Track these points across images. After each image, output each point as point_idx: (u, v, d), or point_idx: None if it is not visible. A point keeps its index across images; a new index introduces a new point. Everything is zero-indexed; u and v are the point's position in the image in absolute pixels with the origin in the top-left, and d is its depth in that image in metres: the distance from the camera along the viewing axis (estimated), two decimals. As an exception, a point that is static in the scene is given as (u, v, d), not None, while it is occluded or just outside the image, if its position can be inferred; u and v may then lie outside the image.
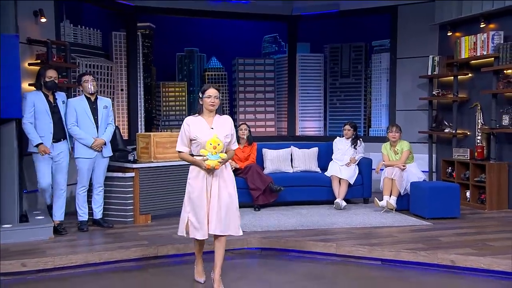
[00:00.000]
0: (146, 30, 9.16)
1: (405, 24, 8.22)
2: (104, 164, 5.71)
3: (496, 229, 5.59)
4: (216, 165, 3.80)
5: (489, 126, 6.84)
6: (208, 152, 3.80)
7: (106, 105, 5.70)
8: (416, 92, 8.14)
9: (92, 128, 5.55)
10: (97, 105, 5.63)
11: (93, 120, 5.55)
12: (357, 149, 7.13)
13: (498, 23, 6.91)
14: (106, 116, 5.67)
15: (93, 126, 5.55)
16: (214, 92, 3.94)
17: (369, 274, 4.52)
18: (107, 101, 5.78)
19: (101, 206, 5.79)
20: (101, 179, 5.73)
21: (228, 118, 4.10)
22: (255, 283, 4.28)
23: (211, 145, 3.80)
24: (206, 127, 3.94)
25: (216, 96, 3.94)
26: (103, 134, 5.64)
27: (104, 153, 5.65)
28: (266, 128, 9.73)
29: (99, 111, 5.62)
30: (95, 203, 5.75)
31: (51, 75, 5.36)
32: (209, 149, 3.80)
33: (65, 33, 7.23)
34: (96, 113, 5.60)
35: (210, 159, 3.79)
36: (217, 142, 3.81)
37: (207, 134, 3.89)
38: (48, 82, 5.34)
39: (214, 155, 3.79)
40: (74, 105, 5.53)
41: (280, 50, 9.80)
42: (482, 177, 6.77)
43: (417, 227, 5.77)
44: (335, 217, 6.19)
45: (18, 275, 4.45)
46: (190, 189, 3.95)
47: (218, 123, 3.99)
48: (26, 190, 6.01)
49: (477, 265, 4.47)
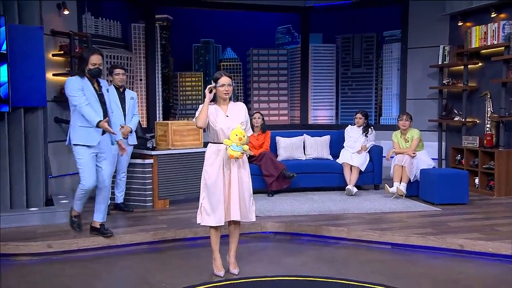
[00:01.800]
0: (164, 22, 9.17)
1: (416, 14, 8.11)
2: (129, 151, 5.71)
3: (504, 215, 5.55)
4: (239, 156, 3.75)
5: (498, 114, 6.75)
6: (232, 142, 3.72)
7: (132, 97, 5.80)
8: (427, 81, 8.06)
9: (120, 116, 5.57)
10: (125, 96, 5.72)
11: (121, 108, 5.62)
12: (368, 137, 7.10)
13: (509, 12, 6.78)
14: (132, 106, 5.75)
15: (121, 114, 5.60)
16: (227, 80, 3.86)
17: (379, 258, 4.52)
18: (133, 93, 5.90)
19: (123, 191, 5.83)
20: (125, 165, 5.76)
21: (242, 106, 4.03)
22: (269, 266, 4.31)
23: (237, 136, 3.72)
24: (222, 115, 3.89)
25: (229, 84, 3.86)
26: (130, 122, 5.71)
27: (129, 141, 5.68)
28: (279, 116, 9.71)
29: (126, 102, 5.71)
30: (118, 188, 5.79)
31: (96, 62, 4.45)
32: (235, 140, 3.72)
33: (87, 25, 7.27)
34: (124, 102, 5.68)
35: (234, 149, 3.72)
36: (243, 134, 3.74)
37: (223, 122, 3.86)
38: (93, 70, 4.45)
39: (239, 146, 3.72)
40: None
41: (293, 40, 9.74)
42: (490, 164, 6.70)
43: (427, 212, 5.75)
44: (347, 203, 6.19)
45: (44, 256, 4.54)
46: (206, 176, 3.90)
47: (233, 110, 3.93)
48: (51, 175, 6.10)
49: (485, 249, 4.45)
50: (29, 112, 5.51)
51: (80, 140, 4.45)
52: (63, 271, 4.21)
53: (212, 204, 3.85)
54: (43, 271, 4.22)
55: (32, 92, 5.42)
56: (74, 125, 4.51)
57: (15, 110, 5.33)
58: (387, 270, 4.15)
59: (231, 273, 4.01)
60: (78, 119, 4.46)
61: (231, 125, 3.84)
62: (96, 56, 4.49)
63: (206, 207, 3.86)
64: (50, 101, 6.21)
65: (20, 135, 5.42)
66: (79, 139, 4.46)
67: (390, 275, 4.01)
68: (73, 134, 4.50)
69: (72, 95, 4.41)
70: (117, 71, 5.66)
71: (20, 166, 5.43)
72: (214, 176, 3.86)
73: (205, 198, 3.89)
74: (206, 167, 3.92)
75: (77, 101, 4.39)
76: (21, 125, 5.42)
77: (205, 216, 3.89)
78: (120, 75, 5.65)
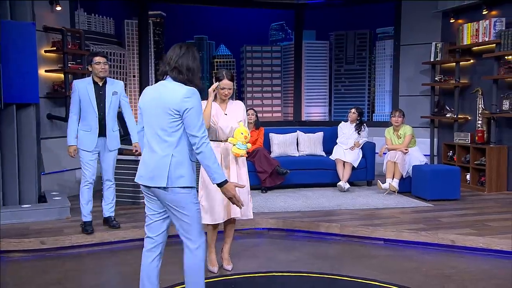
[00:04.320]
0: (157, 18, 9.12)
1: (408, 12, 8.12)
2: (111, 157, 4.84)
3: (495, 210, 5.58)
4: (244, 154, 3.76)
5: (489, 111, 6.78)
6: (237, 141, 3.72)
7: (115, 91, 4.75)
8: (419, 78, 8.08)
9: (94, 118, 4.65)
10: (105, 91, 4.71)
11: (97, 109, 4.65)
12: (361, 134, 7.11)
13: (500, 10, 6.81)
14: (115, 104, 4.76)
15: (95, 115, 4.65)
16: (228, 84, 3.82)
17: (372, 253, 4.53)
18: (118, 85, 4.83)
19: (111, 203, 4.92)
20: (110, 173, 4.85)
21: (241, 104, 4.02)
22: (263, 261, 4.31)
23: (243, 134, 3.73)
24: (221, 113, 3.88)
25: (230, 88, 3.84)
26: (132, 137, 4.94)
27: (109, 146, 4.78)
28: (273, 113, 9.70)
29: (107, 98, 4.70)
30: (105, 199, 4.91)
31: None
32: (240, 138, 3.72)
33: (80, 21, 7.22)
34: (103, 100, 4.69)
35: (240, 148, 3.71)
36: (247, 132, 3.76)
37: (222, 120, 3.84)
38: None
39: (244, 144, 3.73)
40: (78, 89, 4.65)
41: (287, 37, 9.73)
42: (482, 160, 6.74)
43: (419, 208, 5.77)
44: (340, 199, 6.20)
45: (38, 252, 4.52)
46: (204, 174, 3.82)
47: (231, 109, 3.93)
48: (44, 172, 6.06)
49: (476, 244, 4.48)
50: (22, 108, 5.46)
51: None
52: (56, 268, 4.18)
53: (210, 202, 3.81)
54: (36, 268, 4.20)
55: (25, 88, 5.37)
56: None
57: (7, 107, 5.28)
58: (379, 266, 4.17)
59: (225, 269, 4.02)
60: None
61: (229, 123, 3.84)
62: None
63: (204, 205, 3.82)
64: (43, 98, 6.17)
65: (13, 132, 5.38)
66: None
67: (383, 270, 4.02)
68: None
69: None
70: (97, 59, 4.65)
71: (13, 163, 5.39)
72: None
73: (203, 196, 3.84)
74: None
75: None
76: (14, 121, 5.37)
77: (203, 214, 3.80)
78: (102, 64, 4.64)
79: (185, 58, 2.80)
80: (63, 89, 6.31)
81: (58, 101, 6.44)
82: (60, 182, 6.48)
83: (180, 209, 2.78)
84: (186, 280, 2.90)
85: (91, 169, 4.73)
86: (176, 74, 2.80)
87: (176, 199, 2.77)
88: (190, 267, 2.86)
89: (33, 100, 5.52)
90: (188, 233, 2.82)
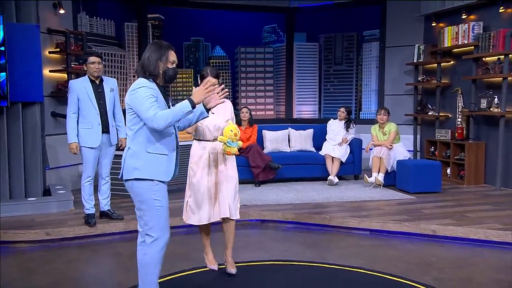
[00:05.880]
0: (156, 21, 9.08)
1: (393, 15, 8.15)
2: (112, 152, 4.83)
3: (473, 202, 5.63)
4: (236, 152, 3.45)
5: (468, 109, 6.83)
6: (228, 139, 3.41)
7: (112, 88, 4.74)
8: (403, 78, 8.11)
9: (95, 115, 4.61)
10: (103, 89, 4.67)
11: (97, 106, 4.62)
12: (349, 131, 7.14)
13: (478, 14, 6.85)
14: (113, 100, 4.74)
15: (96, 112, 4.61)
16: (213, 80, 3.44)
17: (359, 243, 4.56)
18: (113, 82, 4.79)
19: (108, 197, 4.91)
20: (107, 169, 4.83)
21: (228, 103, 3.68)
22: (255, 251, 4.33)
23: (232, 132, 3.41)
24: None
25: (214, 84, 3.36)
26: (120, 132, 4.83)
27: (112, 141, 4.77)
28: (265, 111, 9.71)
29: (106, 95, 4.67)
30: (102, 194, 4.88)
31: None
32: (230, 136, 3.41)
33: (82, 23, 7.18)
34: (102, 97, 4.66)
35: (230, 145, 3.41)
36: (237, 129, 3.46)
37: (208, 119, 3.38)
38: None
39: (234, 142, 3.42)
40: (76, 88, 4.60)
41: (279, 39, 9.73)
42: (461, 155, 6.79)
43: (402, 200, 5.81)
44: (328, 192, 6.23)
45: (43, 243, 4.52)
46: (192, 173, 3.58)
47: (219, 108, 3.47)
48: (48, 167, 6.05)
49: (455, 234, 4.53)
50: (27, 106, 5.44)
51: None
52: (60, 257, 4.18)
53: (197, 202, 3.54)
54: (42, 257, 4.20)
55: (30, 87, 5.35)
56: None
57: (13, 105, 5.26)
58: (366, 254, 4.20)
59: (229, 273, 3.67)
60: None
61: (217, 122, 3.55)
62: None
63: (192, 205, 3.57)
64: (47, 96, 6.15)
65: (19, 129, 5.36)
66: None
67: (369, 259, 4.05)
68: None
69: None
70: (92, 59, 4.60)
71: (19, 158, 5.38)
72: (199, 173, 3.55)
73: (190, 196, 3.58)
74: (192, 164, 3.61)
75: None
76: (20, 119, 5.36)
77: (190, 214, 3.60)
78: (96, 64, 4.59)
79: (147, 52, 2.79)
80: (66, 88, 6.27)
81: (61, 99, 6.41)
82: (63, 176, 6.47)
83: (138, 202, 2.76)
84: (139, 277, 2.84)
85: (92, 166, 4.70)
86: (140, 71, 2.78)
87: (133, 192, 2.76)
88: (142, 260, 2.81)
89: (38, 98, 5.50)
90: (147, 226, 2.77)
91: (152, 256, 2.79)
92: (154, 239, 2.77)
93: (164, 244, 2.84)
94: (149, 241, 2.78)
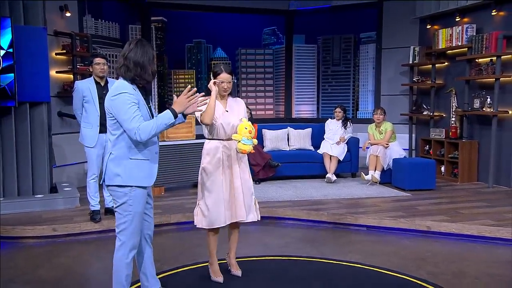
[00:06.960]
0: (159, 23, 9.08)
1: (389, 18, 8.14)
2: None
3: (466, 199, 5.63)
4: (251, 150, 3.23)
5: (462, 109, 6.83)
6: (243, 136, 3.21)
7: None
8: (399, 78, 8.10)
9: (96, 116, 4.57)
10: (108, 90, 4.83)
11: (98, 108, 4.56)
12: (346, 130, 7.14)
13: (471, 17, 6.84)
14: None
15: (97, 114, 4.56)
16: (227, 77, 3.28)
17: (356, 239, 4.56)
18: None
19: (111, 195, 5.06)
20: None
21: (241, 102, 3.49)
22: (255, 247, 4.33)
23: (247, 129, 3.23)
24: (221, 110, 3.34)
25: (229, 81, 3.30)
26: None
27: None
28: (265, 111, 9.71)
29: None
30: (107, 191, 4.75)
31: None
32: (245, 133, 3.21)
33: (87, 26, 7.17)
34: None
35: (245, 143, 3.20)
36: (251, 126, 3.26)
37: (223, 117, 3.31)
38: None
39: (249, 140, 3.22)
40: (81, 90, 4.61)
41: (278, 41, 9.73)
42: (455, 154, 6.79)
43: (398, 197, 5.81)
44: (326, 190, 6.22)
45: (50, 238, 4.52)
46: (204, 175, 3.31)
47: (232, 106, 3.39)
48: (55, 165, 6.05)
49: (449, 230, 4.53)
50: (34, 106, 5.45)
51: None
52: (67, 252, 4.19)
53: (211, 205, 3.27)
54: (48, 252, 4.20)
55: (37, 88, 5.36)
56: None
57: (21, 105, 5.27)
58: (362, 250, 4.19)
59: (234, 275, 3.52)
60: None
61: (231, 120, 3.32)
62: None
63: (204, 208, 3.30)
64: (54, 97, 6.14)
65: (26, 128, 5.36)
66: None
67: (366, 254, 4.05)
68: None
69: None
70: (97, 60, 4.63)
71: (27, 156, 5.38)
72: (213, 174, 3.29)
73: (203, 198, 3.31)
74: (204, 165, 3.31)
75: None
76: (27, 118, 5.36)
77: (202, 218, 3.32)
78: (101, 65, 4.62)
79: (133, 53, 2.58)
80: (72, 89, 6.27)
81: (68, 99, 6.39)
82: (69, 174, 6.47)
83: (116, 207, 2.70)
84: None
85: (96, 164, 4.66)
86: (124, 72, 2.58)
87: (113, 195, 2.69)
88: (114, 262, 2.73)
89: (44, 99, 5.50)
90: (118, 229, 2.73)
91: (120, 260, 2.69)
92: (122, 243, 2.70)
93: (131, 248, 2.72)
94: (118, 244, 2.72)
